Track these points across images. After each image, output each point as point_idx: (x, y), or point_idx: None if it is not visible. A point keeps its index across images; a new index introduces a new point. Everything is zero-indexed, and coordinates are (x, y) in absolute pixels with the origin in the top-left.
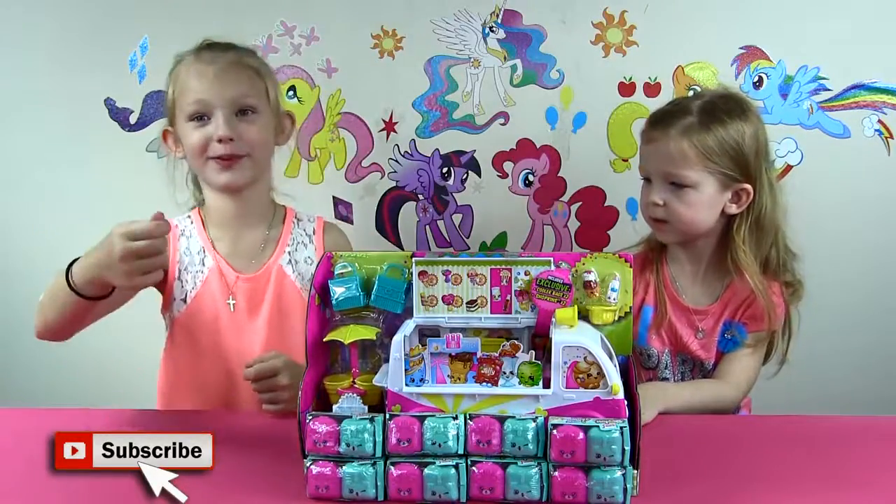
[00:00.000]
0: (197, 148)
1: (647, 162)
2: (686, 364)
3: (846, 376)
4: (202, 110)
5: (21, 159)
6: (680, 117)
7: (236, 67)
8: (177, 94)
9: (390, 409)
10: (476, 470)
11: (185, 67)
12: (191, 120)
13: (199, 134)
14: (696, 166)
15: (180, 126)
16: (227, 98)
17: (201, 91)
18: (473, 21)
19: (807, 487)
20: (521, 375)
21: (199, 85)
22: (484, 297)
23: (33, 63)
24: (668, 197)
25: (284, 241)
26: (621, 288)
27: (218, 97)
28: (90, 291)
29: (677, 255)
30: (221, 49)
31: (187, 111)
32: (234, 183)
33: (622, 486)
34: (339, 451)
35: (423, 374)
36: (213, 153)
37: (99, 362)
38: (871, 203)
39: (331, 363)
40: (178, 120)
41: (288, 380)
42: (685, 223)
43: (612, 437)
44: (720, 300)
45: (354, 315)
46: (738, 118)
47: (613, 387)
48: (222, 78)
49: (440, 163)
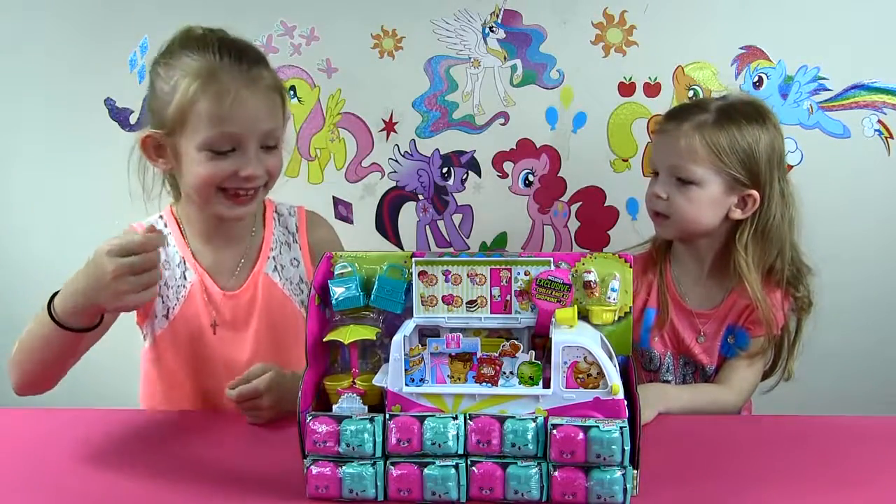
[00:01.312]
0: (210, 180)
1: (656, 154)
2: (688, 367)
3: (846, 377)
4: (228, 145)
5: (21, 159)
6: (696, 113)
7: (267, 95)
8: (184, 109)
9: (390, 409)
10: (476, 470)
11: (199, 82)
12: (205, 149)
13: (214, 167)
14: (704, 163)
15: (183, 145)
16: (259, 134)
17: (231, 123)
18: (473, 21)
19: (807, 487)
20: (521, 375)
21: (225, 113)
22: (484, 297)
23: (33, 63)
24: (671, 191)
25: (267, 245)
26: (621, 288)
27: (251, 132)
28: (78, 323)
29: (681, 257)
30: (240, 61)
31: (204, 140)
32: (245, 215)
33: (622, 486)
34: (339, 451)
35: (423, 374)
36: (230, 185)
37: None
38: (871, 203)
39: (331, 363)
40: (180, 136)
41: (270, 401)
42: (686, 220)
43: (611, 437)
44: (723, 304)
45: (354, 315)
46: (755, 124)
47: (613, 387)
48: (256, 108)
49: (440, 163)
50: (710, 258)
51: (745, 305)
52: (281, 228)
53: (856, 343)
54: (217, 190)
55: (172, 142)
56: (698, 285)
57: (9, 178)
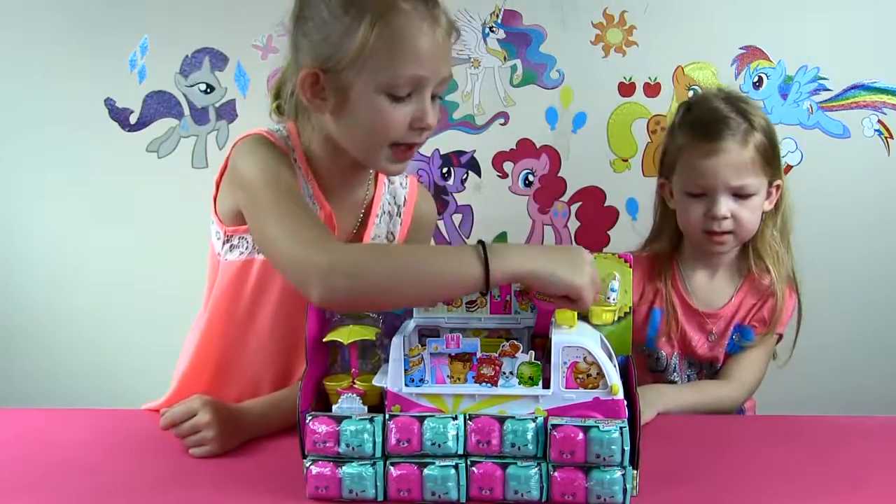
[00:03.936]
0: (390, 126)
1: (704, 177)
2: (693, 367)
3: (846, 376)
4: (409, 88)
5: (21, 159)
6: (729, 124)
7: (446, 38)
8: (363, 45)
9: (390, 410)
10: (476, 470)
11: (385, 17)
12: (385, 92)
13: (394, 112)
14: (758, 172)
15: (357, 86)
16: (440, 80)
17: (418, 64)
18: (473, 21)
19: (807, 487)
20: (520, 376)
21: (426, 53)
22: (483, 298)
23: (33, 63)
24: (732, 207)
25: (376, 208)
26: (621, 288)
27: (434, 76)
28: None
29: (691, 258)
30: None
31: (387, 81)
32: (401, 172)
33: (622, 487)
34: (339, 452)
35: (423, 374)
36: (404, 140)
37: (94, 361)
38: (871, 203)
39: (330, 363)
40: (354, 75)
41: (210, 415)
42: (748, 230)
43: (611, 437)
44: (732, 302)
45: (354, 315)
46: (758, 108)
47: (613, 387)
48: (441, 50)
49: (440, 163)
50: (727, 257)
51: (754, 302)
52: (388, 196)
53: (855, 343)
54: (389, 142)
55: (341, 81)
56: (708, 284)
57: (9, 178)
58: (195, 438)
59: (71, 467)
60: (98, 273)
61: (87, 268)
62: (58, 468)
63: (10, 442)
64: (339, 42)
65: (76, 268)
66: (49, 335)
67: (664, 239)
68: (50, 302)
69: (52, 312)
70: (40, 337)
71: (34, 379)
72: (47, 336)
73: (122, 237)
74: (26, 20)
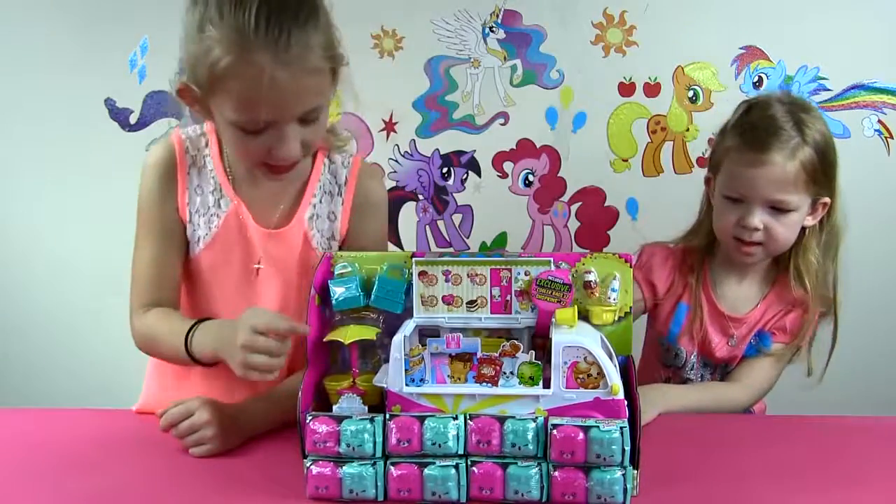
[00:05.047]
0: (241, 156)
1: (744, 185)
2: (707, 367)
3: (847, 376)
4: (260, 125)
5: (21, 159)
6: (780, 136)
7: (310, 73)
8: (213, 78)
9: (390, 410)
10: (476, 470)
11: (230, 57)
12: (235, 127)
13: (245, 145)
14: (800, 189)
15: (215, 110)
16: (296, 114)
17: (261, 109)
18: (473, 21)
19: (807, 487)
20: (521, 376)
21: (256, 97)
22: (484, 298)
23: (33, 63)
24: (767, 220)
25: (311, 189)
26: (621, 288)
27: (286, 116)
28: (203, 360)
29: (723, 261)
30: (280, 29)
31: (235, 118)
32: (281, 180)
33: (622, 487)
34: (339, 452)
35: (423, 374)
36: (268, 160)
37: (89, 361)
38: (871, 203)
39: (331, 363)
40: (211, 100)
41: (208, 414)
42: (780, 245)
43: (612, 437)
44: (757, 308)
45: (354, 315)
46: (818, 120)
47: (613, 387)
48: (294, 91)
49: (440, 163)
50: (761, 265)
51: (778, 311)
52: (329, 176)
53: (856, 342)
54: (255, 161)
55: (205, 101)
56: (735, 289)
57: (9, 178)
58: (194, 438)
59: (70, 467)
60: (98, 273)
61: (87, 268)
62: (57, 468)
63: (9, 442)
64: (195, 65)
65: (76, 268)
66: (48, 335)
67: (702, 235)
68: (49, 302)
69: (51, 312)
70: (39, 337)
71: (33, 379)
72: (46, 336)
73: (122, 237)
74: (26, 20)
